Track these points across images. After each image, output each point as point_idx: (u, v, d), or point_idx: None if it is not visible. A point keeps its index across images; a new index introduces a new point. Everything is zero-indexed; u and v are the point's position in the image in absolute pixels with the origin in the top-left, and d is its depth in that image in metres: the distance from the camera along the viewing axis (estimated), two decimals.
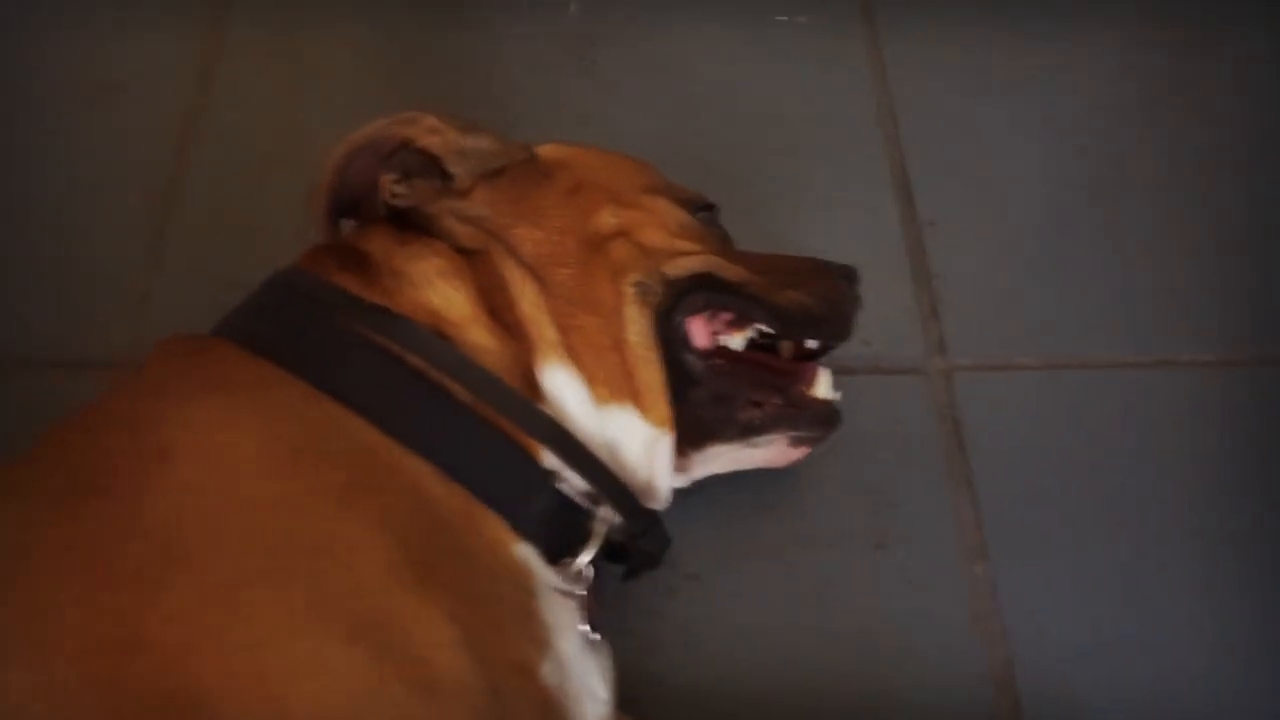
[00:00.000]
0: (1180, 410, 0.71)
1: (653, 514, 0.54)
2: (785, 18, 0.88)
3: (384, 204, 0.53)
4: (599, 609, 0.52)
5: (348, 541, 0.40)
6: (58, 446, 0.43)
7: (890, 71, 0.85)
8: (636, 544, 0.53)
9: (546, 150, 0.56)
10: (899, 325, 0.73)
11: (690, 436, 0.55)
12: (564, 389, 0.50)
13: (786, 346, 0.62)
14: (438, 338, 0.48)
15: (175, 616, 0.35)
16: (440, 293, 0.50)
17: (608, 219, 0.53)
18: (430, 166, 0.53)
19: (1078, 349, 0.73)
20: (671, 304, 0.53)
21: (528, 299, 0.50)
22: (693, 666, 0.61)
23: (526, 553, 0.47)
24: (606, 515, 0.51)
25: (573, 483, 0.50)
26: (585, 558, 0.49)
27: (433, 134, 0.52)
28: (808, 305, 0.58)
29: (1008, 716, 0.60)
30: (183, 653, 0.35)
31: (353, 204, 0.55)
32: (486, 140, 0.54)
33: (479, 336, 0.49)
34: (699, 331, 0.55)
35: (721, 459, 0.58)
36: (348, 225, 0.55)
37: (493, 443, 0.47)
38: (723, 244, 0.59)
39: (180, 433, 0.41)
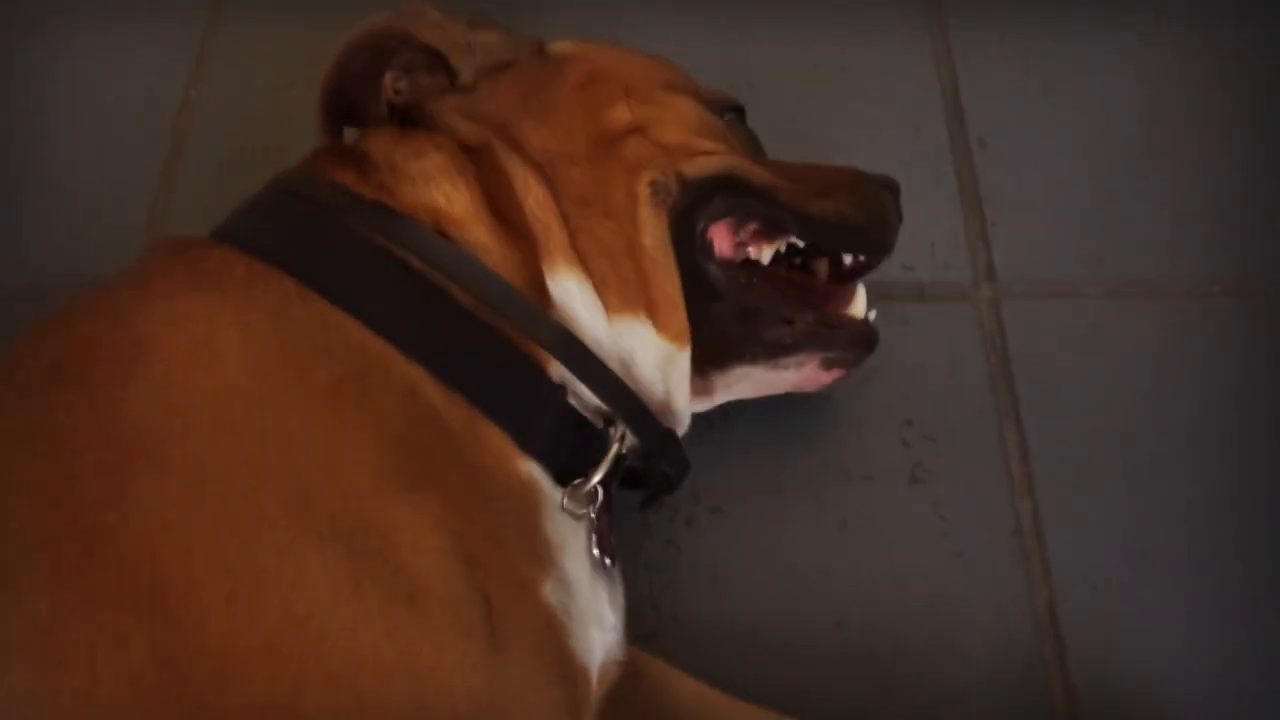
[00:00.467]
0: (1245, 341, 0.65)
1: (670, 433, 0.50)
2: None
3: (387, 104, 0.50)
4: (612, 536, 0.49)
5: (330, 441, 0.38)
6: (35, 337, 0.41)
7: None
8: (653, 465, 0.50)
9: (559, 45, 0.53)
10: (945, 249, 0.68)
11: (712, 355, 0.51)
12: (573, 296, 0.46)
13: (822, 267, 0.58)
14: (438, 236, 0.45)
15: (137, 509, 0.33)
16: (442, 189, 0.46)
17: (621, 114, 0.49)
18: (435, 63, 0.50)
19: (1135, 275, 0.67)
20: (690, 207, 0.49)
21: (533, 198, 0.46)
22: (713, 603, 0.58)
23: (533, 469, 0.44)
24: (620, 434, 0.47)
25: (584, 398, 0.46)
26: (597, 477, 0.46)
27: (436, 28, 0.49)
28: (844, 214, 0.53)
29: (1052, 659, 0.56)
30: (143, 546, 0.33)
31: (356, 107, 0.52)
32: (494, 35, 0.51)
33: (483, 236, 0.46)
34: (722, 240, 0.51)
35: (747, 381, 0.54)
36: (352, 133, 0.53)
37: (497, 351, 0.44)
38: (751, 148, 0.55)
39: (159, 325, 0.39)
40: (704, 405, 0.55)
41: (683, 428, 0.52)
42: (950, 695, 0.55)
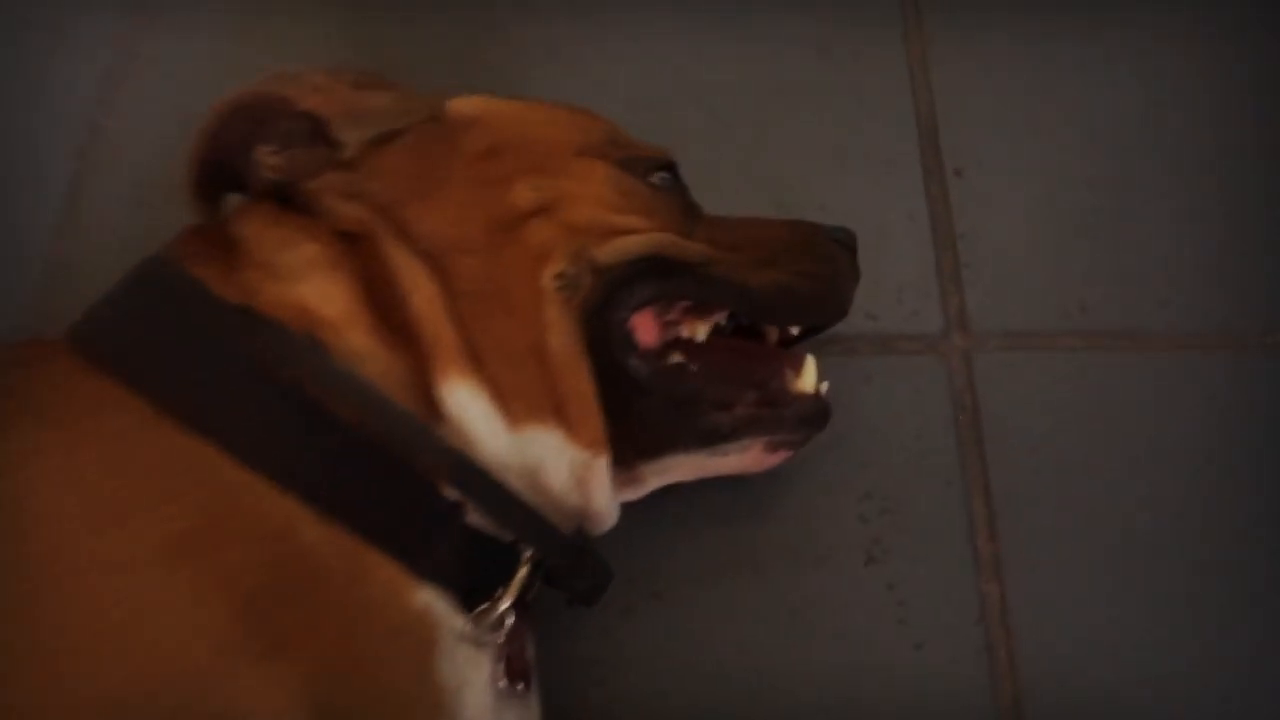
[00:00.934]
0: (1243, 398, 0.59)
1: (583, 549, 0.45)
2: None
3: (265, 180, 0.44)
4: (526, 655, 0.44)
5: (169, 613, 0.33)
6: None
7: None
8: (567, 582, 0.45)
9: (461, 105, 0.46)
10: (913, 295, 0.62)
11: (640, 447, 0.46)
12: (468, 407, 0.40)
13: (771, 331, 0.52)
14: (310, 344, 0.39)
15: None
16: (315, 287, 0.40)
17: (524, 193, 0.42)
18: (317, 133, 0.43)
19: (1120, 325, 0.61)
20: (606, 298, 0.43)
21: (421, 294, 0.40)
22: (652, 701, 0.53)
23: (430, 599, 0.39)
24: (529, 554, 0.43)
25: (485, 518, 0.41)
26: (505, 604, 0.41)
27: (317, 93, 0.43)
28: (791, 286, 0.47)
29: None
30: None
31: (236, 178, 0.46)
32: (386, 97, 0.44)
33: (362, 341, 0.40)
34: (646, 329, 0.45)
35: (682, 468, 0.49)
36: (236, 201, 0.46)
37: (383, 472, 0.39)
38: (683, 214, 0.48)
39: None
40: (634, 494, 0.50)
41: (607, 525, 0.47)
42: None
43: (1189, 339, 0.60)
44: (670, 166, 0.49)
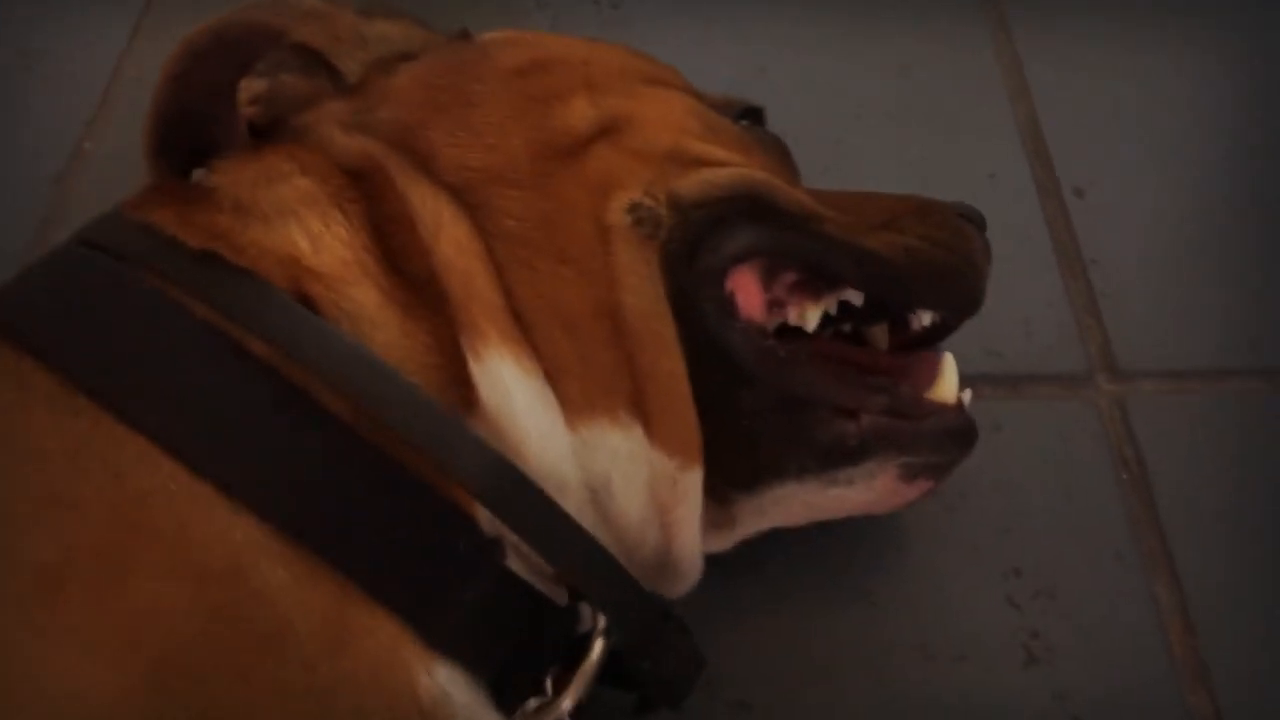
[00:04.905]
0: None
1: (669, 614, 0.33)
2: None
3: (246, 122, 0.35)
4: None
5: (45, 669, 0.23)
6: None
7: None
8: (644, 668, 0.32)
9: (488, 34, 0.38)
10: (1044, 328, 0.51)
11: (737, 471, 0.34)
12: (512, 392, 0.30)
13: (880, 336, 0.41)
14: (296, 303, 0.29)
15: None
16: (305, 229, 0.31)
17: (583, 109, 0.33)
18: (312, 67, 0.35)
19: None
20: (692, 244, 0.33)
21: (448, 237, 0.31)
22: None
23: (446, 681, 0.28)
24: (600, 622, 0.31)
25: (532, 558, 0.30)
26: (567, 702, 0.30)
27: (313, 19, 0.35)
28: (916, 250, 0.37)
29: None
30: None
31: (205, 138, 0.37)
32: (393, 25, 0.36)
33: (368, 300, 0.30)
34: (749, 292, 0.34)
35: (789, 505, 0.37)
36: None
37: (386, 489, 0.28)
38: (781, 162, 0.38)
39: None
40: (720, 545, 0.38)
41: (687, 585, 0.36)
42: None
43: None
44: (755, 109, 0.39)
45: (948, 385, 0.38)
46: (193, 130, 0.36)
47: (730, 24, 0.64)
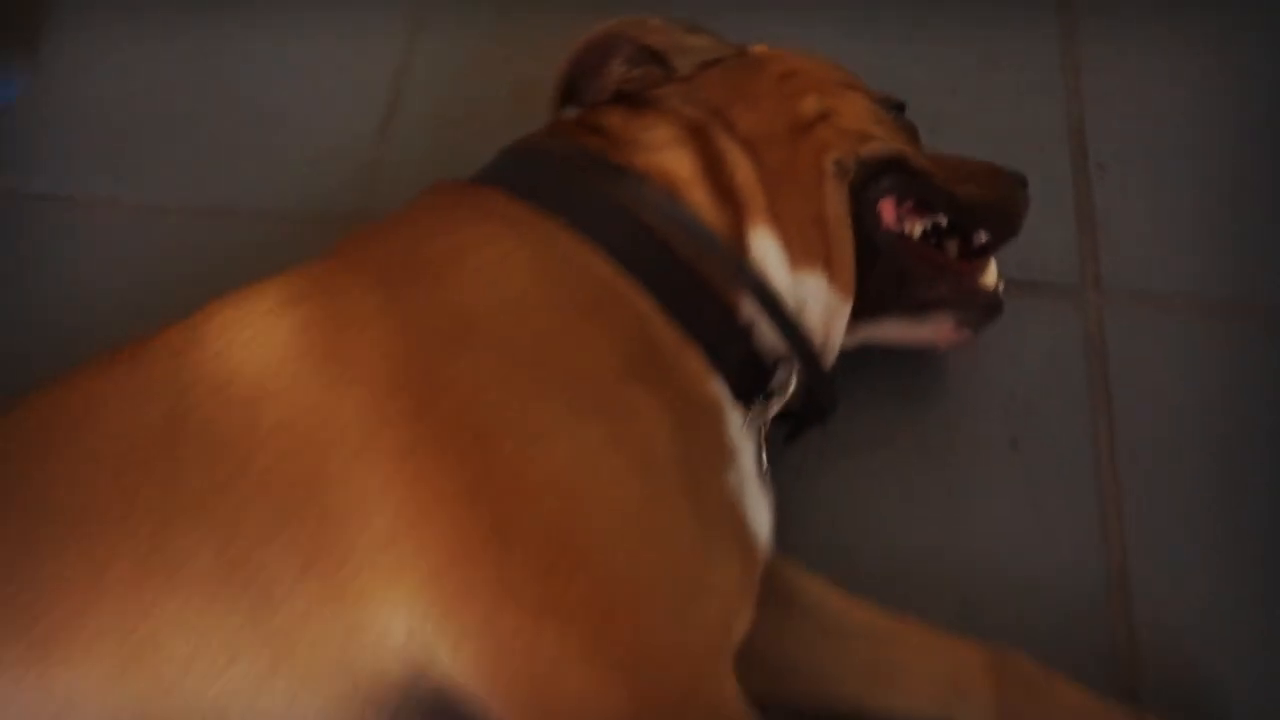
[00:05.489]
0: None
1: (829, 374, 0.60)
2: None
3: (611, 90, 0.61)
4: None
5: (589, 342, 0.49)
6: (356, 251, 0.52)
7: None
8: (811, 397, 0.60)
9: (756, 48, 0.64)
10: (1057, 254, 0.77)
11: (866, 306, 0.60)
12: (767, 251, 0.56)
13: (952, 247, 0.67)
14: (668, 195, 0.55)
15: (469, 372, 0.45)
16: (672, 157, 0.57)
17: (812, 104, 0.60)
18: (652, 61, 0.60)
19: (1243, 296, 0.75)
20: (864, 183, 0.59)
21: (743, 171, 0.57)
22: (826, 535, 0.67)
23: (719, 390, 0.54)
24: (796, 370, 0.57)
25: (763, 340, 0.57)
26: (775, 407, 0.57)
27: (658, 32, 0.60)
28: (984, 199, 0.64)
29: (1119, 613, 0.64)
30: (460, 410, 0.44)
31: (575, 92, 0.63)
32: (706, 39, 0.62)
33: (701, 198, 0.56)
34: (888, 213, 0.61)
35: (888, 329, 0.64)
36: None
37: (704, 296, 0.54)
38: (911, 140, 0.66)
39: (469, 240, 0.51)
40: (849, 343, 0.64)
41: (829, 364, 0.62)
42: (1027, 630, 0.64)
43: None
44: (901, 105, 0.66)
45: (990, 278, 0.66)
46: (572, 86, 0.63)
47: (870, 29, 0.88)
